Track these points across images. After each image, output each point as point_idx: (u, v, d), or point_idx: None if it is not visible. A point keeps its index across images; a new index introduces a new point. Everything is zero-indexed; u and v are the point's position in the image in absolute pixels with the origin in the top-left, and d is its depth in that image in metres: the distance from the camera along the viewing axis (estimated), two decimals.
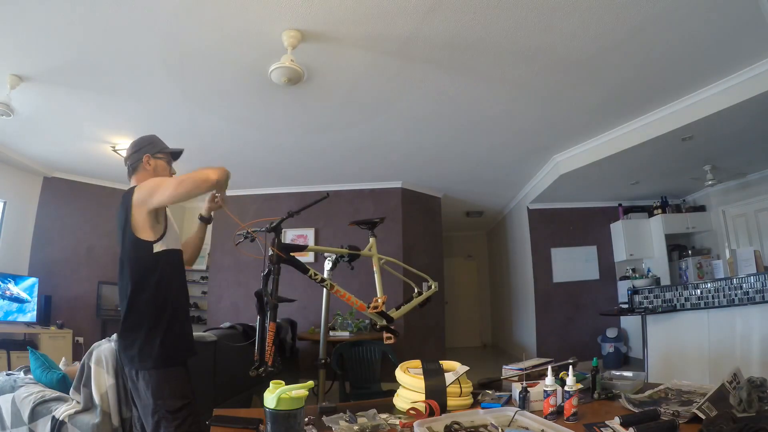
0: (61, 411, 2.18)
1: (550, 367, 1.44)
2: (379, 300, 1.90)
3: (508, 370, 1.77)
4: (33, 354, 2.60)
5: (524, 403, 1.42)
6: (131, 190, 1.66)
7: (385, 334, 2.04)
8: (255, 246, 1.75)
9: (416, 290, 2.38)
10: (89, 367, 2.22)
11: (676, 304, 4.05)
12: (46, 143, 4.46)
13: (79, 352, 4.66)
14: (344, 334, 4.56)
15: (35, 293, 4.74)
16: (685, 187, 5.84)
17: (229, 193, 1.73)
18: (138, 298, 1.61)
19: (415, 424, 1.15)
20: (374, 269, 2.15)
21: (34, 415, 2.23)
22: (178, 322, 1.67)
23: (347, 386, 3.48)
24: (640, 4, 2.41)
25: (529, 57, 2.93)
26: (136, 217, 1.61)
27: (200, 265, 6.78)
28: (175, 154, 1.91)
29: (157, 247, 1.66)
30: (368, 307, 1.88)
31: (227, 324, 3.73)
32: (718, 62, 3.06)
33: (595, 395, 1.57)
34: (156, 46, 2.76)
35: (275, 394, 1.04)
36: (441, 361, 1.53)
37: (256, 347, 1.42)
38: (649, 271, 5.93)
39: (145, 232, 1.63)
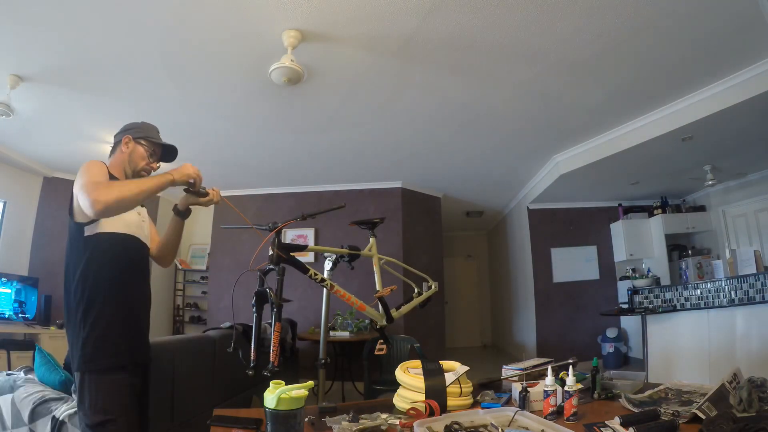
0: (62, 411, 2.18)
1: (550, 367, 1.44)
2: (386, 288, 1.90)
3: (508, 370, 1.76)
4: (39, 352, 2.58)
5: (524, 403, 1.42)
6: None
7: (378, 345, 2.03)
8: (257, 244, 1.73)
9: (416, 290, 2.38)
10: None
11: (676, 304, 4.06)
12: (46, 143, 4.46)
13: None
14: (344, 334, 4.56)
15: (35, 293, 4.74)
16: (685, 187, 5.84)
17: (229, 193, 1.72)
18: (67, 289, 1.43)
19: (415, 424, 1.14)
20: (374, 269, 2.14)
21: (35, 416, 2.22)
22: (103, 320, 1.40)
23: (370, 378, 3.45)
24: (640, 5, 2.41)
25: (529, 57, 2.93)
26: (76, 200, 1.37)
27: (200, 265, 6.78)
28: (166, 151, 1.69)
29: (89, 230, 1.40)
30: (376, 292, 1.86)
31: (227, 324, 3.72)
32: (718, 62, 3.06)
33: (595, 395, 1.57)
34: (156, 47, 2.76)
35: (275, 394, 1.04)
36: (441, 361, 1.53)
37: (253, 346, 1.42)
38: (649, 271, 5.93)
39: (79, 215, 1.40)
